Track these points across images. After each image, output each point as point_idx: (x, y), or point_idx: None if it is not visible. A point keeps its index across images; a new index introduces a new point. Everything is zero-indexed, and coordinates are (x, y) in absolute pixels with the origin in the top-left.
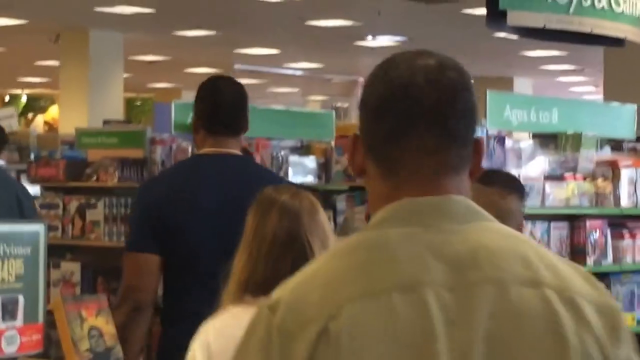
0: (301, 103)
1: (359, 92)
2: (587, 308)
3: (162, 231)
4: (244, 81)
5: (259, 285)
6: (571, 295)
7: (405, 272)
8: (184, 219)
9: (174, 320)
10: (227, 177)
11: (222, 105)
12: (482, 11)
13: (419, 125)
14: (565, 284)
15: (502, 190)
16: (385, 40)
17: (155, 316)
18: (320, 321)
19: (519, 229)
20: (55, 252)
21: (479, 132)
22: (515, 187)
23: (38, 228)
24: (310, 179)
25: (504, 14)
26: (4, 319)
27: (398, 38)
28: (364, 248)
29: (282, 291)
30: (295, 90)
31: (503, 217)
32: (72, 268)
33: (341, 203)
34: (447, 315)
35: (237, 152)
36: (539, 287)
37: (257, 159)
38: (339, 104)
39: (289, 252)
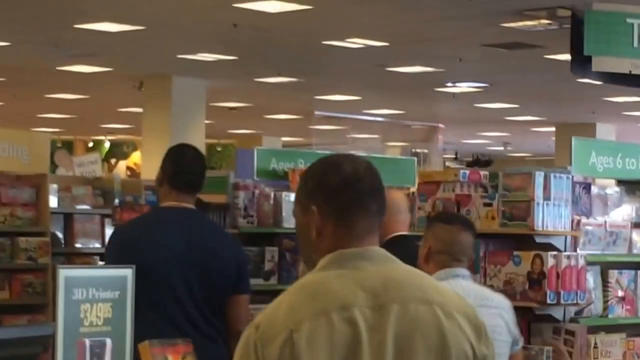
0: (380, 149)
1: (439, 138)
2: (460, 319)
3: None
4: (323, 127)
5: None
6: (450, 310)
7: (340, 299)
8: (151, 261)
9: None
10: (186, 226)
11: (185, 167)
12: (564, 56)
13: (367, 199)
14: (447, 302)
15: (460, 227)
16: (465, 87)
17: None
18: (285, 332)
19: (471, 259)
20: None
21: (564, 178)
22: (470, 226)
23: (126, 272)
24: None
25: (588, 60)
26: None
27: (479, 84)
28: (313, 284)
29: (262, 316)
30: (375, 136)
31: (460, 249)
32: None
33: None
34: (368, 324)
35: (192, 206)
36: (429, 304)
37: None
38: (418, 150)
39: None
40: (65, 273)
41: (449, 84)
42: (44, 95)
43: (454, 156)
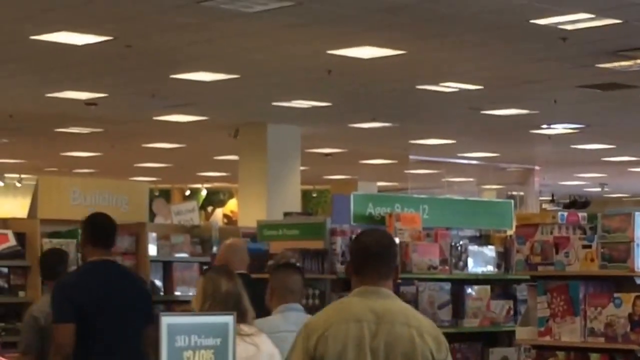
0: (476, 192)
1: (535, 180)
2: (427, 336)
3: (76, 309)
4: (418, 171)
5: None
6: (422, 331)
7: (356, 314)
8: (91, 302)
9: None
10: (112, 274)
11: (102, 231)
12: None
13: (373, 262)
14: (420, 325)
15: (292, 271)
16: (560, 128)
17: None
18: (321, 330)
19: (303, 294)
20: None
21: None
22: (299, 270)
23: (227, 319)
24: (489, 268)
25: None
26: None
27: (574, 125)
28: (342, 304)
29: (310, 319)
30: (471, 179)
31: (292, 288)
32: None
33: (522, 293)
34: (370, 332)
35: (111, 258)
36: (409, 327)
37: (436, 249)
38: (514, 193)
39: (232, 299)
40: (167, 320)
41: (545, 126)
42: (141, 145)
43: (550, 198)
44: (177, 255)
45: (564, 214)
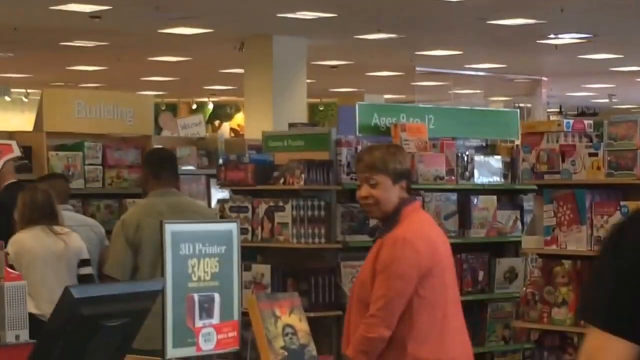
0: (483, 104)
1: (542, 91)
2: (205, 210)
3: None
4: (425, 83)
5: (32, 221)
6: (205, 215)
7: (158, 209)
8: None
9: None
10: None
11: None
12: None
13: (169, 170)
14: (204, 212)
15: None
16: (568, 38)
17: None
18: (135, 224)
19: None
20: (246, 255)
21: None
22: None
23: (231, 227)
24: (496, 179)
25: None
26: (201, 317)
27: (582, 35)
28: (147, 203)
29: (125, 217)
30: (478, 91)
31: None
32: (262, 270)
33: (528, 202)
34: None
35: None
36: (196, 213)
37: (442, 159)
38: (521, 104)
39: (47, 206)
40: (171, 228)
41: (552, 36)
42: (146, 59)
43: (558, 110)
44: (184, 167)
45: (569, 122)
